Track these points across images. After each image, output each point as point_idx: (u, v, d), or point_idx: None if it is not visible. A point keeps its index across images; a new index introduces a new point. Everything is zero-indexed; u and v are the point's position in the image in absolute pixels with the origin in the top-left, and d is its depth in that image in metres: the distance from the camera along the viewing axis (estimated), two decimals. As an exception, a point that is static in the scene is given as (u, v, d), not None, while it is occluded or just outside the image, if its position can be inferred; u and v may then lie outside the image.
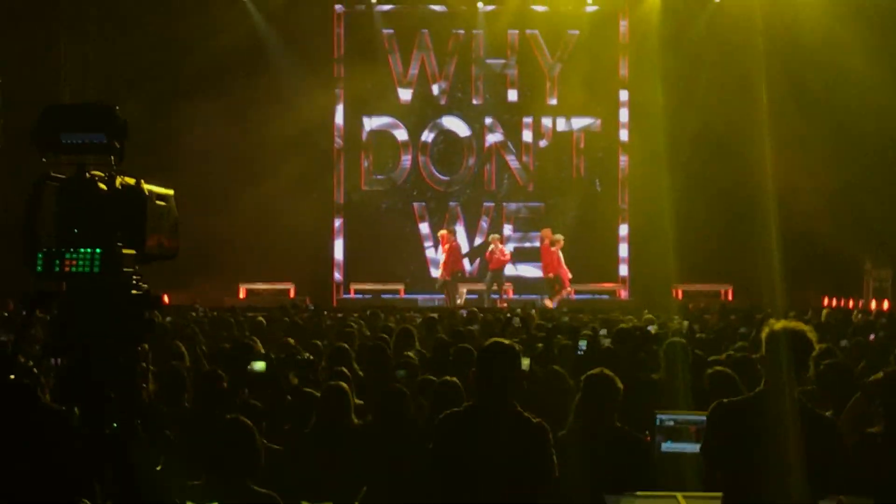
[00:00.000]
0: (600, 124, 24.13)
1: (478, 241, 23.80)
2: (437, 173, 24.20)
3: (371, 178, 24.32)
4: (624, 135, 24.19)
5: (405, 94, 24.11)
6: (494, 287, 22.19)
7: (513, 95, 24.33)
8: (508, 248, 22.91)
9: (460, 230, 23.60)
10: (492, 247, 22.10)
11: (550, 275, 21.98)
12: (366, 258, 22.88)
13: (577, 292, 22.33)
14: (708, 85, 22.39)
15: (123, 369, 3.83)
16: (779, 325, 4.98)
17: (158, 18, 21.53)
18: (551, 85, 24.17)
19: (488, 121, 24.30)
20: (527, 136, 24.34)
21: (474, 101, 24.36)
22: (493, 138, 24.30)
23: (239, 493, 4.65)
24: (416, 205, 24.14)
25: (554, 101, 24.17)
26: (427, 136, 24.22)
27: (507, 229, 23.91)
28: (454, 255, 22.30)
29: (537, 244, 23.20)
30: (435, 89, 24.19)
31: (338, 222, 24.14)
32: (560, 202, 24.00)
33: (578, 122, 24.19)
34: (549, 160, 24.29)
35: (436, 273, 22.74)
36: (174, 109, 21.33)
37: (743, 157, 22.05)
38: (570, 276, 21.87)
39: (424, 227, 24.03)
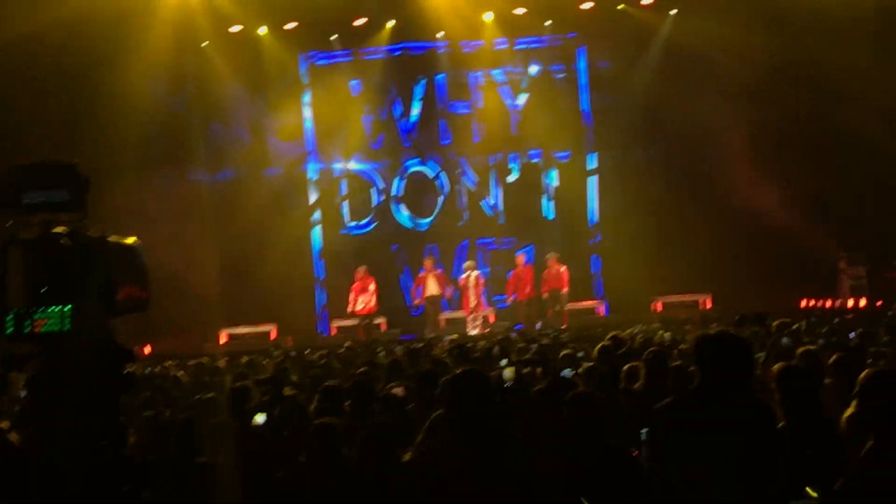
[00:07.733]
0: (570, 155, 24.03)
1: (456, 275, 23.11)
2: (409, 216, 24.19)
3: (344, 222, 24.37)
4: (592, 161, 24.15)
5: (372, 138, 24.29)
6: (557, 307, 21.55)
7: (478, 135, 24.18)
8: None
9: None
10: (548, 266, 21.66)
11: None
12: (343, 297, 22.55)
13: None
14: (677, 94, 22.49)
15: (104, 425, 3.82)
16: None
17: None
18: (516, 121, 24.14)
19: (456, 161, 24.23)
20: (494, 173, 24.24)
21: (441, 143, 24.30)
22: (462, 178, 24.19)
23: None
24: (393, 248, 24.05)
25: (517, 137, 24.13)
26: (398, 179, 24.24)
27: (483, 265, 23.26)
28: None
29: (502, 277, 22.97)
30: (402, 133, 24.26)
31: (317, 265, 24.23)
32: (532, 233, 23.84)
33: (546, 155, 24.10)
34: (519, 194, 24.10)
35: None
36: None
37: (716, 162, 22.31)
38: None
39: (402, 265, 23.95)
